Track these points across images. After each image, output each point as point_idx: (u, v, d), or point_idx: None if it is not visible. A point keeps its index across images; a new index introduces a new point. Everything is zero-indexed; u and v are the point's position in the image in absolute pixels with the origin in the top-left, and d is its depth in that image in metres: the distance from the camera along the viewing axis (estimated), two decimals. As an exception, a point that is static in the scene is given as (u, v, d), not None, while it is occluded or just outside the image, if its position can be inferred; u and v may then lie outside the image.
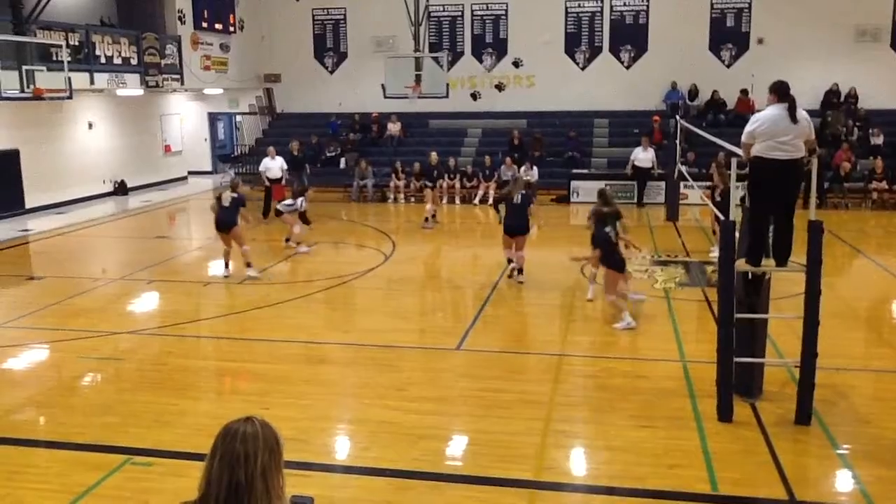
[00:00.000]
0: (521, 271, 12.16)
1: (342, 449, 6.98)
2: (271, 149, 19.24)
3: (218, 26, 24.41)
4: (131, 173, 23.25)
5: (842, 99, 22.79)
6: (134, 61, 20.47)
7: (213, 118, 28.06)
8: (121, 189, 22.73)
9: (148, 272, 13.43)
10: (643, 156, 20.33)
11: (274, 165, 18.63)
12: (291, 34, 26.48)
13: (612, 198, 11.11)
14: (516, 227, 11.93)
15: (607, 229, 10.31)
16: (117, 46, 19.95)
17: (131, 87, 20.61)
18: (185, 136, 26.60)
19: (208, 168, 27.63)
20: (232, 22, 25.15)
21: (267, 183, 18.66)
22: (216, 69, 24.62)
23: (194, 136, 27.30)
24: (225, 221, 12.60)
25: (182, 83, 22.77)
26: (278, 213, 15.38)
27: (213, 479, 2.30)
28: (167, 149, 25.55)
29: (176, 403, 7.67)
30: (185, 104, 26.70)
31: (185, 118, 26.81)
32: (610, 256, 10.18)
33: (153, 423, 7.19)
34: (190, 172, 26.53)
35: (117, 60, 19.94)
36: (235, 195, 12.63)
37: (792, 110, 6.82)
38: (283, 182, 18.77)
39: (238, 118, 28.10)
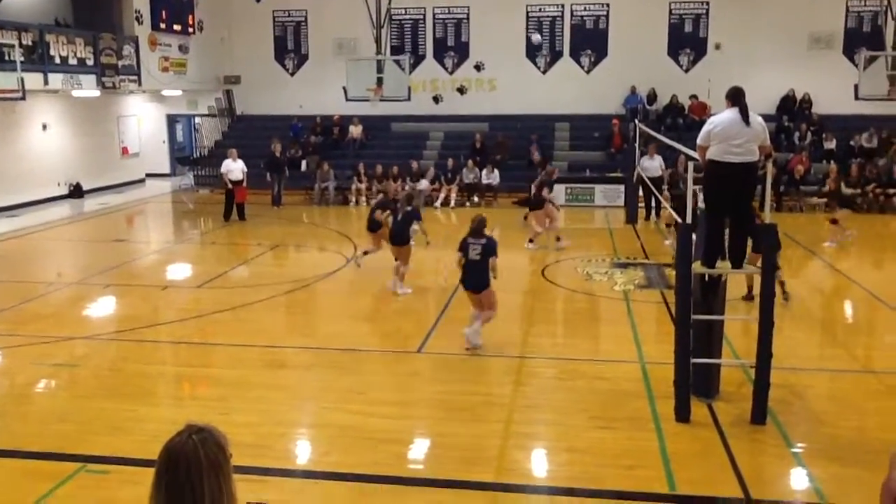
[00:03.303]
0: None
1: (302, 454, 6.93)
2: (233, 151, 19.05)
3: (176, 27, 24.08)
4: (87, 176, 22.81)
5: (797, 105, 23.26)
6: (90, 62, 20.11)
7: (171, 120, 27.70)
8: (76, 192, 22.30)
9: (105, 276, 13.19)
10: (649, 164, 18.23)
11: (235, 167, 18.48)
12: (251, 36, 26.25)
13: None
14: None
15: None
16: (72, 47, 19.57)
17: (87, 88, 20.24)
18: (142, 137, 26.21)
19: (167, 171, 27.27)
20: (191, 23, 24.83)
21: (229, 185, 18.48)
22: (175, 70, 24.30)
23: (152, 138, 26.90)
24: (398, 234, 11.92)
25: (140, 84, 22.43)
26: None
27: None
28: (124, 151, 25.14)
29: (133, 409, 7.54)
30: (143, 105, 26.30)
31: (143, 120, 26.42)
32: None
33: (110, 430, 7.06)
34: (148, 175, 26.14)
35: (73, 61, 19.56)
36: (409, 208, 12.02)
37: (744, 113, 6.95)
38: (245, 184, 18.65)
39: (197, 120, 27.77)
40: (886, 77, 20.38)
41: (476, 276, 9.10)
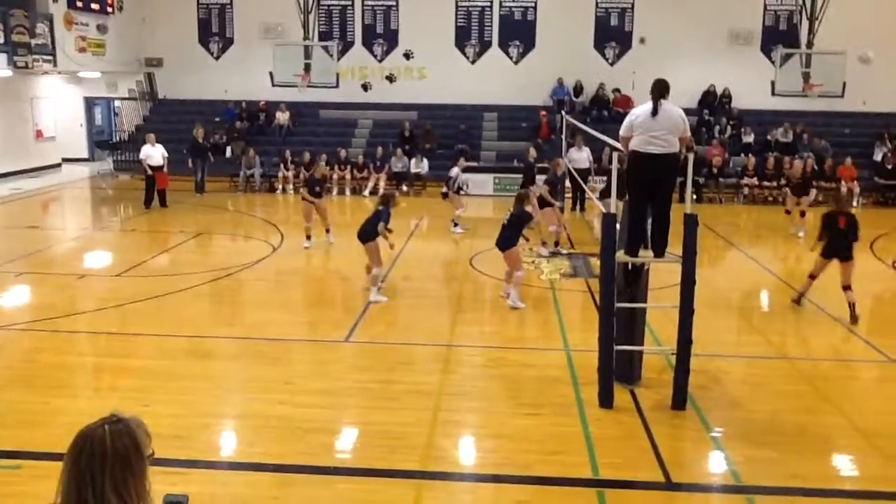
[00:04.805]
0: None
1: (226, 445, 6.80)
2: (151, 136, 18.56)
3: (94, 6, 23.24)
4: (-1, 159, 21.85)
5: (717, 99, 23.93)
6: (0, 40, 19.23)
7: (89, 103, 26.73)
8: (-14, 176, 21.34)
9: (17, 264, 12.67)
10: (577, 155, 18.29)
11: (155, 153, 17.99)
12: (174, 18, 25.50)
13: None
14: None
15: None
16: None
17: (-2, 68, 19.38)
18: (59, 120, 25.20)
19: (85, 155, 26.33)
20: (110, 3, 23.99)
21: (149, 171, 17.97)
22: (93, 51, 23.44)
23: (69, 122, 25.90)
24: (364, 231, 10.99)
25: (55, 65, 21.56)
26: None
27: (65, 495, 2.17)
28: (39, 134, 24.17)
29: (47, 402, 7.26)
30: (60, 87, 25.29)
31: (60, 102, 25.41)
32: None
33: (22, 424, 6.79)
34: (64, 159, 25.19)
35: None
36: (380, 207, 11.07)
37: (655, 105, 7.09)
38: (165, 170, 18.17)
39: (117, 103, 26.88)
40: (801, 74, 21.20)
41: (501, 238, 10.67)
